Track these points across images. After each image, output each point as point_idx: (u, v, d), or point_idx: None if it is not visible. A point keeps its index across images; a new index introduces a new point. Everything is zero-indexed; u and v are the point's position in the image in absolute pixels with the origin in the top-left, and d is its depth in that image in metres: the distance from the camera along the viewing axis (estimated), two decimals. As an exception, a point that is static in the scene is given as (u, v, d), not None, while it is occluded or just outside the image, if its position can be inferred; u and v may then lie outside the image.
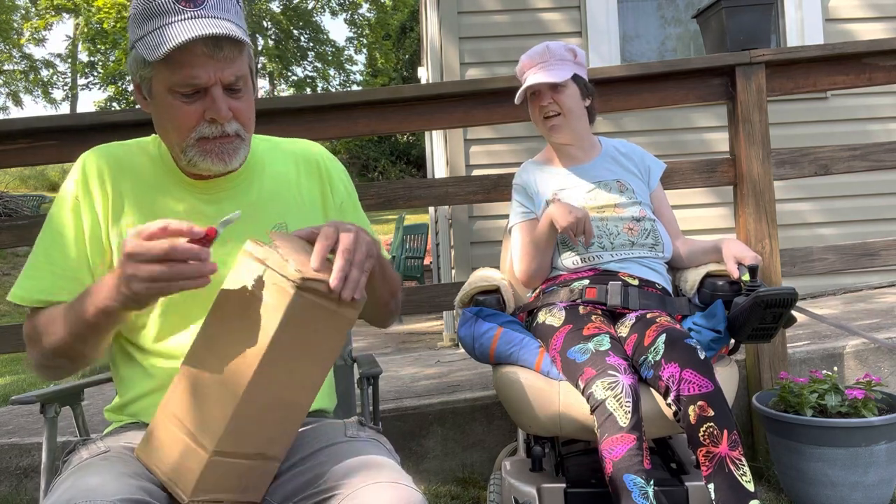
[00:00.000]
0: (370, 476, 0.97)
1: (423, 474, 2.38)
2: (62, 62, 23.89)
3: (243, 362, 0.93)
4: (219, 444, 0.93)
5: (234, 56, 1.08)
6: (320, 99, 3.12)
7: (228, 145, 1.12)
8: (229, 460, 0.95)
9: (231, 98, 1.10)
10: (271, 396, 0.96)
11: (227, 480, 0.96)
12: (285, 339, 0.92)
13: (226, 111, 1.08)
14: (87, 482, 0.92)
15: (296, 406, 1.01)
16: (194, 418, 0.95)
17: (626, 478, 1.40)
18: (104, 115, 2.37)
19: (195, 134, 1.10)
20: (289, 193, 1.24)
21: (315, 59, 23.83)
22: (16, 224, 2.37)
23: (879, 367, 2.42)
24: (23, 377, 4.92)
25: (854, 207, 4.20)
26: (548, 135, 1.96)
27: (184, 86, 1.06)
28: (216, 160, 1.11)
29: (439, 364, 3.41)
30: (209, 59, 1.05)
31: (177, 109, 1.09)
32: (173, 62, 1.05)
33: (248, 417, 0.94)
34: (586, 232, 1.74)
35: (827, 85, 2.47)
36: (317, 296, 0.93)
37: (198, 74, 1.06)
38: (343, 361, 1.64)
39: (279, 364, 0.94)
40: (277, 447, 1.01)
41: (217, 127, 1.10)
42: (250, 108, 1.15)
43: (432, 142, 5.35)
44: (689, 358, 1.48)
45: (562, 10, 4.24)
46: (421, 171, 17.62)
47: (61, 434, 1.45)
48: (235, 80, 1.09)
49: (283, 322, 0.91)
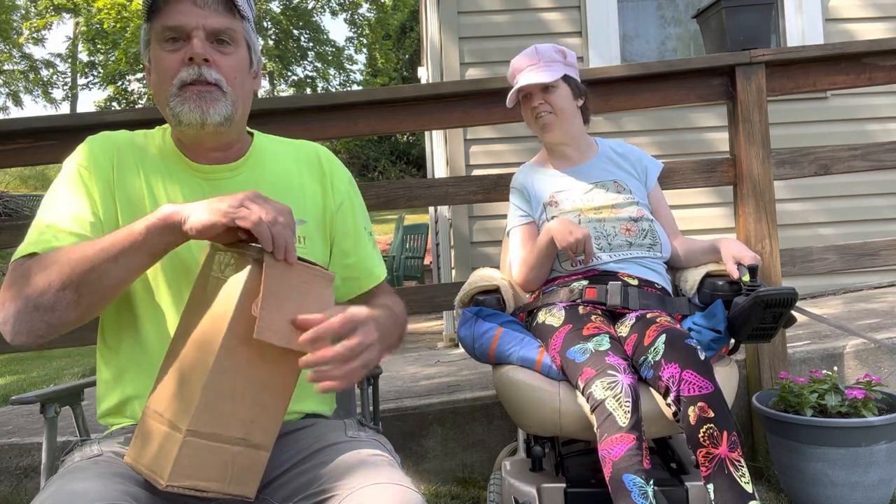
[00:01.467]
0: (369, 477, 0.97)
1: (423, 474, 2.38)
2: (62, 62, 23.90)
3: (212, 337, 0.94)
4: (192, 422, 0.91)
5: (221, 10, 1.12)
6: (320, 99, 3.12)
7: (207, 94, 1.12)
8: (207, 442, 0.93)
9: (216, 49, 1.13)
10: (243, 375, 0.95)
11: (208, 467, 0.94)
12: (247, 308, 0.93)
13: (201, 48, 1.10)
14: (73, 487, 0.92)
15: (273, 389, 0.99)
16: (171, 407, 0.95)
17: (626, 478, 1.40)
18: (104, 115, 2.37)
19: (177, 80, 1.11)
20: (291, 190, 1.24)
21: (315, 59, 23.83)
22: (16, 224, 2.37)
23: (879, 367, 2.42)
24: (23, 377, 4.92)
25: (854, 207, 4.20)
26: (541, 134, 1.96)
27: (167, 30, 1.11)
28: (193, 107, 1.11)
29: (439, 364, 3.41)
30: (192, 5, 1.10)
31: (162, 59, 1.12)
32: (161, 14, 1.10)
33: (220, 392, 0.93)
34: (586, 252, 1.73)
35: (827, 85, 2.47)
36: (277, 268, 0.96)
37: (180, 19, 1.10)
38: (343, 361, 1.63)
39: (247, 339, 0.93)
40: (260, 432, 0.99)
41: (195, 69, 1.11)
42: (237, 67, 1.16)
43: (432, 142, 5.35)
44: (689, 358, 1.48)
45: (562, 10, 4.24)
46: (421, 171, 17.61)
47: (61, 434, 1.45)
48: (221, 31, 1.12)
49: (244, 291, 0.93)
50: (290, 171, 1.26)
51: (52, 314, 1.00)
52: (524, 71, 1.92)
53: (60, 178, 1.15)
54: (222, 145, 1.20)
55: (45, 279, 0.99)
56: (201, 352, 0.94)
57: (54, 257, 1.01)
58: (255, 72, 1.22)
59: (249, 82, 1.21)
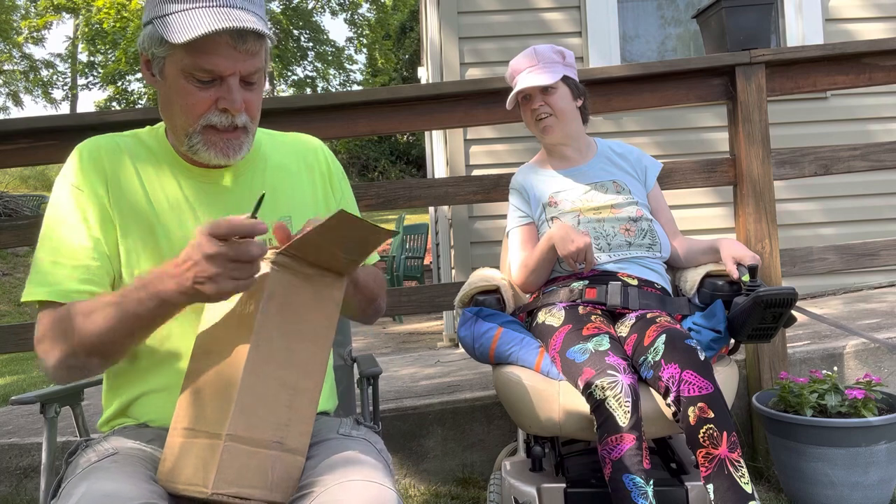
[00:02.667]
0: (346, 474, 0.97)
1: (423, 474, 2.38)
2: (62, 62, 23.90)
3: (239, 345, 0.95)
4: (230, 426, 0.92)
5: (256, 50, 1.08)
6: (321, 99, 3.13)
7: (234, 140, 1.12)
8: (246, 447, 0.94)
9: (245, 90, 1.10)
10: (273, 377, 0.96)
11: (250, 473, 0.94)
12: (273, 312, 0.95)
13: (240, 103, 1.09)
14: (103, 487, 0.92)
15: (302, 390, 1.00)
16: (203, 418, 0.96)
17: (626, 478, 1.40)
18: (104, 115, 2.37)
19: (203, 121, 1.09)
20: (290, 186, 1.24)
21: (315, 59, 23.82)
22: (16, 224, 2.37)
23: (879, 367, 2.42)
24: (23, 377, 4.92)
25: (854, 207, 4.20)
26: (541, 136, 1.96)
27: (202, 72, 1.06)
28: (219, 153, 1.11)
29: (439, 364, 3.41)
30: (233, 50, 1.05)
31: (189, 94, 1.08)
32: (195, 48, 1.04)
33: (254, 396, 0.94)
34: (587, 261, 1.73)
35: (827, 85, 2.47)
36: (295, 270, 0.98)
37: (219, 63, 1.05)
38: (343, 361, 1.64)
39: (274, 341, 0.96)
40: (294, 436, 0.99)
41: (227, 117, 1.09)
42: (260, 101, 1.15)
43: (432, 142, 5.35)
44: (689, 359, 1.48)
45: (562, 10, 4.24)
46: (421, 171, 17.60)
47: (61, 434, 1.45)
48: (253, 73, 1.09)
49: (268, 295, 0.95)
50: (288, 168, 1.26)
51: (86, 371, 1.08)
52: (523, 72, 1.92)
53: (55, 204, 1.13)
54: None
55: (69, 347, 1.03)
56: (230, 360, 0.95)
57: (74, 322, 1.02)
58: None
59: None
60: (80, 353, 1.03)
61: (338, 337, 1.64)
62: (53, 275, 1.08)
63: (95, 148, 1.16)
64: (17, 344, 2.25)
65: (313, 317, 1.01)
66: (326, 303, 1.02)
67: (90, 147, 1.16)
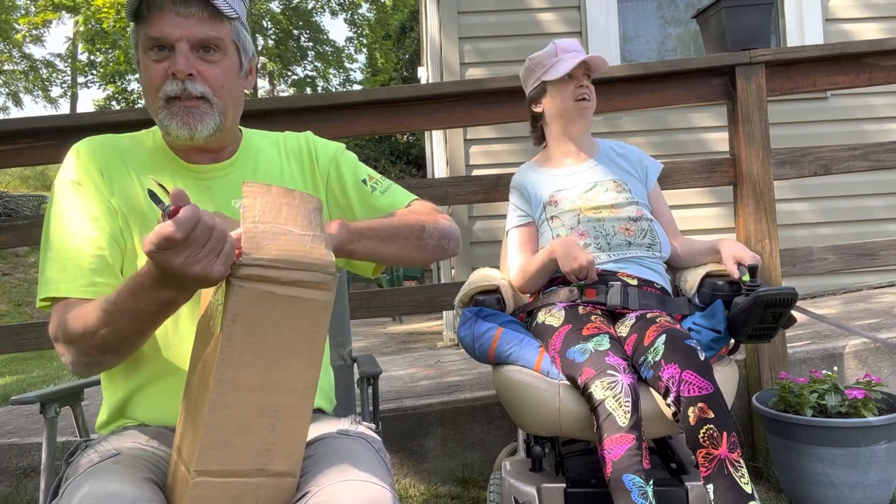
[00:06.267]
0: (341, 474, 0.96)
1: (423, 474, 2.38)
2: (61, 62, 23.89)
3: (208, 374, 0.87)
4: (198, 462, 0.86)
5: (205, 17, 1.09)
6: (321, 99, 3.12)
7: (194, 109, 1.11)
8: (220, 480, 0.88)
9: (201, 60, 1.10)
10: (248, 404, 0.88)
11: (230, 502, 0.89)
12: (238, 335, 0.85)
13: (184, 65, 1.08)
14: (106, 487, 0.92)
15: (287, 409, 0.90)
16: (186, 447, 0.92)
17: (626, 478, 1.40)
18: (104, 115, 2.37)
19: (162, 94, 1.10)
20: (279, 176, 1.25)
21: (315, 58, 23.82)
22: (16, 224, 2.37)
23: (879, 367, 2.42)
24: (23, 377, 4.91)
25: (854, 207, 4.20)
26: (578, 116, 1.94)
27: (152, 41, 1.09)
28: (182, 124, 1.11)
29: (439, 364, 3.41)
30: (175, 15, 1.08)
31: (148, 68, 1.11)
32: (146, 22, 1.08)
33: (224, 429, 0.87)
34: (588, 277, 1.72)
35: (827, 85, 2.47)
36: (263, 278, 0.84)
37: (163, 29, 1.08)
38: (343, 361, 1.64)
39: (244, 367, 0.86)
40: (280, 460, 0.91)
41: (178, 84, 1.10)
42: (224, 75, 1.14)
43: (432, 142, 5.35)
44: (689, 359, 1.48)
45: (561, 10, 4.24)
46: (421, 171, 17.59)
47: (61, 434, 1.45)
48: (206, 40, 1.10)
49: (230, 318, 0.84)
50: (278, 165, 1.27)
51: (102, 366, 1.08)
52: (573, 53, 1.92)
53: (58, 202, 1.14)
54: (213, 148, 1.21)
55: (82, 347, 1.03)
56: (202, 387, 0.89)
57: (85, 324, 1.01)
58: (247, 70, 1.20)
59: (240, 85, 1.19)
60: (93, 352, 1.03)
61: (338, 337, 1.64)
62: (62, 272, 1.09)
63: (92, 145, 1.18)
64: (17, 344, 2.25)
65: (294, 325, 0.88)
66: (308, 306, 0.88)
67: (87, 145, 1.18)
